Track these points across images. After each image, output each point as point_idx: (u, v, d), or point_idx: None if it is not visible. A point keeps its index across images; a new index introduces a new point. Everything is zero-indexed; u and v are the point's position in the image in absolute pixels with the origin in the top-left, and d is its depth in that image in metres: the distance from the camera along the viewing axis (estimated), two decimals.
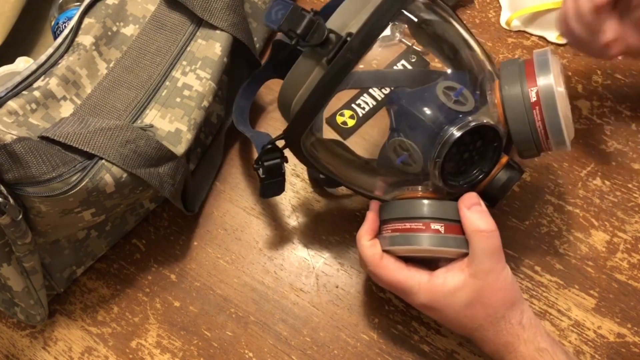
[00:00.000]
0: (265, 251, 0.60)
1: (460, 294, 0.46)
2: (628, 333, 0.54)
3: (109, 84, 0.53)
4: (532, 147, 0.47)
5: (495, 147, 0.46)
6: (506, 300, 0.46)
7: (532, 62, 0.47)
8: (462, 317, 0.47)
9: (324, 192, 0.62)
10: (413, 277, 0.47)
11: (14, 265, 0.51)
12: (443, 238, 0.46)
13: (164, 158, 0.52)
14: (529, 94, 0.46)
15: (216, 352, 0.57)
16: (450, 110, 0.45)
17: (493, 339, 0.46)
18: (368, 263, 0.48)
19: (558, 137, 0.46)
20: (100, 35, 0.54)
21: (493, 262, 0.45)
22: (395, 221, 0.48)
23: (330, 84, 0.44)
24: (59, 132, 0.47)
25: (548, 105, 0.45)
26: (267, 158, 0.51)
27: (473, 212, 0.45)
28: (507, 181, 0.48)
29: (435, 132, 0.45)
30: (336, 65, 0.43)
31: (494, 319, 0.46)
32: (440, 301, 0.46)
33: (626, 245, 0.57)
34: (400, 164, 0.47)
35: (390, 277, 0.47)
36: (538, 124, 0.46)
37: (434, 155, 0.45)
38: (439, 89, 0.46)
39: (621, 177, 0.60)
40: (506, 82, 0.47)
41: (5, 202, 0.45)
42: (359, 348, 0.56)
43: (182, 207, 0.57)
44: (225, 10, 0.56)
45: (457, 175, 0.47)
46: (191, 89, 0.55)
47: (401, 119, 0.48)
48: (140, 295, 0.59)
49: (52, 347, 0.58)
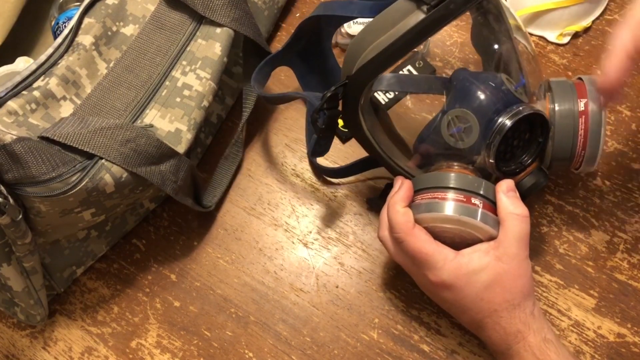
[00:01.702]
0: (265, 251, 0.60)
1: (483, 274, 0.46)
2: (628, 333, 0.54)
3: (108, 84, 0.53)
4: (567, 157, 0.51)
5: (539, 143, 0.49)
6: (524, 288, 0.47)
7: (584, 83, 0.51)
8: (479, 299, 0.47)
9: (325, 187, 0.62)
10: (441, 252, 0.47)
11: (14, 265, 0.51)
12: (481, 213, 0.46)
13: (166, 155, 0.52)
14: (578, 104, 0.50)
15: (216, 352, 0.57)
16: (512, 96, 0.48)
17: (505, 325, 0.47)
18: (399, 229, 0.48)
19: (594, 149, 0.50)
20: (100, 35, 0.54)
21: (520, 247, 0.46)
22: (433, 190, 0.48)
23: (424, 30, 0.44)
24: (58, 132, 0.47)
25: (594, 115, 0.49)
26: (329, 106, 0.49)
27: (509, 197, 0.47)
28: (535, 184, 0.50)
29: (497, 112, 0.47)
30: (438, 12, 0.43)
31: (510, 305, 0.46)
32: (462, 279, 0.47)
33: (626, 245, 0.57)
34: (451, 136, 0.48)
35: (418, 247, 0.47)
36: (581, 132, 0.50)
37: (492, 134, 0.47)
38: (502, 77, 0.49)
39: (621, 177, 0.60)
40: (558, 96, 0.51)
41: (5, 202, 0.45)
42: (359, 348, 0.56)
43: (192, 204, 0.57)
44: (227, 5, 0.56)
45: (505, 161, 0.49)
46: (191, 89, 0.55)
47: (464, 94, 0.49)
48: (140, 295, 0.59)
49: (52, 347, 0.58)
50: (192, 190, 0.58)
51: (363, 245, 0.60)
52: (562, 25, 0.66)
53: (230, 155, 0.62)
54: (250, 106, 0.62)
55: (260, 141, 0.65)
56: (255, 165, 0.64)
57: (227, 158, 0.62)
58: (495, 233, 0.47)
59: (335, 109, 0.50)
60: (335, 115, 0.51)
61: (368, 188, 0.62)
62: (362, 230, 0.60)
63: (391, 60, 0.46)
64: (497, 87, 0.48)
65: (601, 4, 0.67)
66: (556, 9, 0.65)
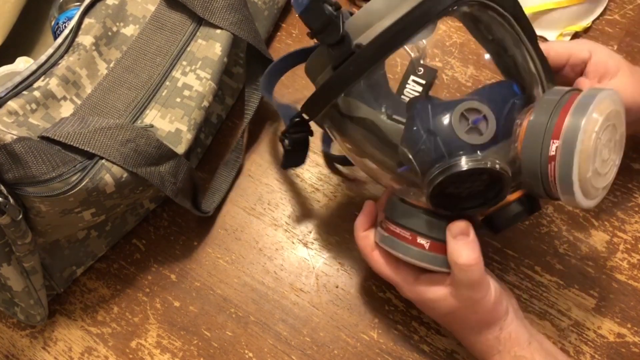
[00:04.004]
0: (265, 251, 0.60)
1: (438, 304, 0.47)
2: (628, 333, 0.54)
3: (109, 84, 0.53)
4: (542, 194, 0.42)
5: (499, 191, 0.43)
6: (482, 322, 0.47)
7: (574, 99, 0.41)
8: (441, 321, 0.51)
9: (325, 187, 0.62)
10: (399, 275, 0.49)
11: (14, 265, 0.51)
12: (426, 255, 0.46)
13: (165, 157, 0.52)
14: (550, 146, 0.40)
15: (216, 352, 0.57)
16: (458, 140, 0.41)
17: (468, 345, 0.50)
18: (361, 252, 0.51)
19: (569, 198, 0.40)
20: (100, 35, 0.54)
21: (471, 291, 0.45)
22: (389, 222, 0.49)
23: (331, 90, 0.44)
24: (59, 132, 0.47)
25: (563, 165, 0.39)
26: (294, 130, 0.52)
27: (457, 242, 0.44)
28: (514, 217, 0.46)
29: (435, 158, 0.42)
30: (338, 74, 0.42)
31: (469, 332, 0.48)
32: (421, 303, 0.49)
33: (626, 245, 0.57)
34: (404, 172, 0.47)
35: (378, 269, 0.50)
36: (551, 179, 0.41)
37: (428, 179, 0.42)
38: (458, 111, 0.42)
39: (621, 177, 0.60)
40: (538, 112, 0.41)
41: (5, 202, 0.45)
42: (359, 348, 0.56)
43: (190, 207, 0.57)
44: (227, 9, 0.56)
45: (452, 200, 0.44)
46: (191, 89, 0.55)
47: (412, 130, 0.44)
48: (140, 295, 0.59)
49: (52, 347, 0.58)
50: (191, 194, 0.58)
51: None
52: (562, 25, 0.66)
53: (230, 161, 0.63)
54: (252, 111, 0.62)
55: (261, 141, 0.65)
56: (255, 165, 0.64)
57: (227, 164, 0.62)
58: (446, 270, 0.46)
59: (303, 132, 0.52)
60: (301, 138, 0.53)
61: (368, 188, 0.62)
62: None
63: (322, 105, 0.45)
64: (441, 129, 0.42)
65: (601, 4, 0.67)
66: (556, 9, 0.65)
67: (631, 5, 0.68)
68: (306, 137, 0.53)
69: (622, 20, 0.67)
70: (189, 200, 0.57)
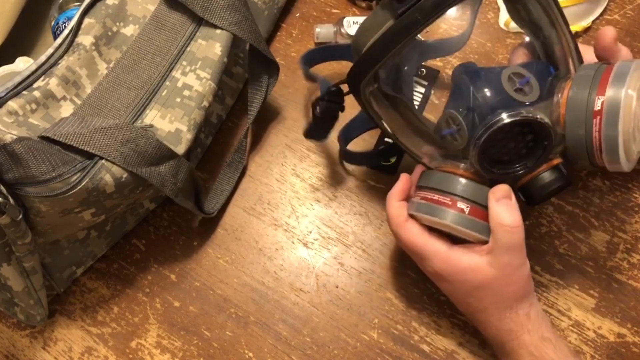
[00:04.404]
0: (265, 251, 0.60)
1: (473, 275, 0.46)
2: (628, 333, 0.54)
3: (109, 84, 0.53)
4: (585, 157, 0.45)
5: (545, 146, 0.45)
6: (517, 293, 0.46)
7: (611, 69, 0.44)
8: (469, 296, 0.48)
9: (325, 187, 0.62)
10: (432, 244, 0.47)
11: (14, 265, 0.51)
12: (465, 219, 0.46)
13: (165, 157, 0.52)
14: (594, 102, 0.43)
15: (216, 352, 0.57)
16: (507, 97, 0.45)
17: (496, 323, 0.47)
18: (392, 222, 0.49)
19: (612, 154, 0.43)
20: (100, 35, 0.54)
21: (512, 256, 0.45)
22: (426, 190, 0.48)
23: (393, 39, 0.44)
24: (59, 132, 0.47)
25: (609, 117, 0.42)
26: (330, 98, 0.52)
27: (500, 205, 0.45)
28: (548, 183, 0.46)
29: (484, 114, 0.45)
30: (402, 22, 0.43)
31: (500, 306, 0.47)
32: (452, 275, 0.47)
33: (626, 245, 0.57)
34: (447, 136, 0.47)
35: (409, 240, 0.48)
36: (595, 134, 0.43)
37: (477, 135, 0.45)
38: (506, 73, 0.45)
39: (621, 177, 0.60)
40: (577, 84, 0.45)
41: (5, 202, 0.45)
42: (359, 348, 0.56)
43: (192, 208, 0.57)
44: (226, 9, 0.56)
45: (498, 163, 0.46)
46: (191, 89, 0.55)
47: (460, 93, 0.47)
48: (140, 295, 0.59)
49: (52, 347, 0.58)
50: (192, 194, 0.58)
51: (363, 245, 0.60)
52: None
53: (233, 162, 0.62)
54: (255, 111, 0.62)
55: (261, 141, 0.65)
56: (256, 165, 0.64)
57: (230, 165, 0.62)
58: (484, 237, 0.46)
59: (336, 103, 0.53)
60: (333, 108, 0.53)
61: (368, 188, 0.62)
62: (362, 230, 0.60)
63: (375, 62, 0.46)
64: (491, 87, 0.45)
65: (601, 4, 0.67)
66: None
67: (631, 5, 0.68)
68: (337, 110, 0.54)
69: (622, 20, 0.67)
70: (190, 200, 0.57)
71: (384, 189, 0.61)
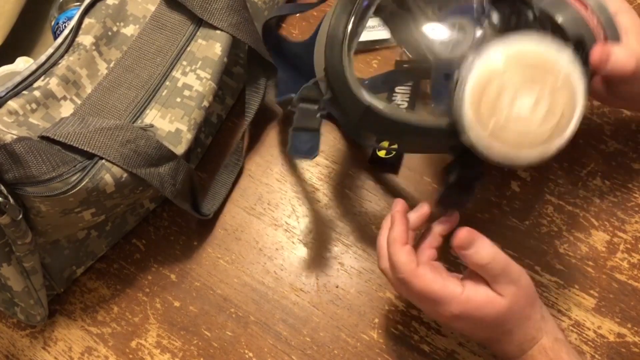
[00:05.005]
0: (265, 251, 0.60)
1: (491, 307, 0.45)
2: (628, 333, 0.54)
3: (109, 84, 0.53)
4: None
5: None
6: (528, 301, 0.46)
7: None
8: (493, 326, 0.46)
9: (325, 187, 0.62)
10: (449, 287, 0.45)
11: (14, 265, 0.51)
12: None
13: (164, 158, 0.52)
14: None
15: (216, 352, 0.57)
16: None
17: (520, 337, 0.46)
18: (402, 271, 0.45)
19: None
20: (100, 35, 0.54)
21: (506, 277, 0.45)
22: None
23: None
24: (59, 132, 0.47)
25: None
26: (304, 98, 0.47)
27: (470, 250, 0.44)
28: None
29: None
30: None
31: (520, 321, 0.46)
32: (472, 314, 0.45)
33: (626, 245, 0.57)
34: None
35: (425, 287, 0.45)
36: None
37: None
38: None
39: (621, 177, 0.60)
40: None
41: (5, 202, 0.45)
42: (359, 348, 0.56)
43: (189, 209, 0.57)
44: (225, 10, 0.56)
45: None
46: (191, 89, 0.55)
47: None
48: (140, 295, 0.59)
49: (52, 347, 0.58)
50: (190, 196, 0.58)
51: (363, 245, 0.60)
52: None
53: (230, 164, 0.62)
54: (252, 113, 0.61)
55: (261, 141, 0.65)
56: (255, 165, 0.64)
57: (226, 167, 0.62)
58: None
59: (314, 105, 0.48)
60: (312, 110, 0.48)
61: (368, 188, 0.62)
62: (362, 230, 0.60)
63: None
64: None
65: None
66: None
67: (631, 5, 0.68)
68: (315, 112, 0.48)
69: None
70: (188, 202, 0.57)
71: (384, 188, 0.61)
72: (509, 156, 0.41)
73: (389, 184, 0.62)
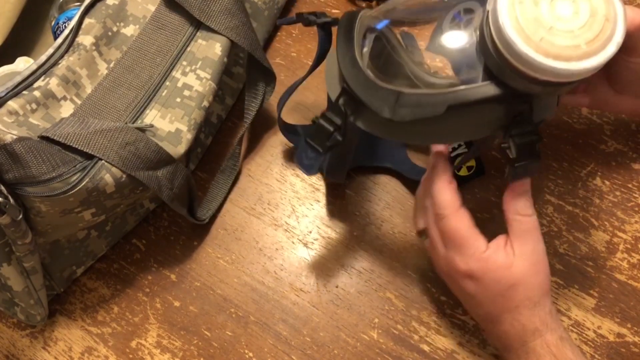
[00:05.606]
0: (265, 251, 0.60)
1: (507, 273, 0.46)
2: (628, 333, 0.54)
3: (109, 84, 0.53)
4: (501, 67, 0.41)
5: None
6: (543, 285, 0.47)
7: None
8: (501, 295, 0.47)
9: (325, 187, 0.62)
10: (476, 240, 0.47)
11: (14, 265, 0.51)
12: None
13: (163, 161, 0.52)
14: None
15: (216, 352, 0.57)
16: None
17: (525, 322, 0.47)
18: (444, 206, 0.47)
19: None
20: (100, 35, 0.54)
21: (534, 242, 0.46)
22: None
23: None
24: (59, 132, 0.47)
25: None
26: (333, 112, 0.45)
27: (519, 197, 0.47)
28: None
29: None
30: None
31: (530, 303, 0.46)
32: (487, 274, 0.47)
33: (626, 245, 0.57)
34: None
35: (460, 228, 0.47)
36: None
37: None
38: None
39: (621, 177, 0.60)
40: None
41: (5, 202, 0.45)
42: (359, 348, 0.56)
43: (185, 214, 0.57)
44: (224, 13, 0.56)
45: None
46: (191, 89, 0.55)
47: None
48: (140, 295, 0.59)
49: (52, 347, 0.58)
50: (187, 200, 0.58)
51: (363, 245, 0.60)
52: None
53: (227, 168, 0.62)
54: (251, 117, 0.61)
55: (260, 141, 0.65)
56: (255, 165, 0.64)
57: (223, 171, 0.62)
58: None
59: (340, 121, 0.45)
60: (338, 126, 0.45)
61: (368, 188, 0.62)
62: (362, 230, 0.60)
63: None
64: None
65: None
66: None
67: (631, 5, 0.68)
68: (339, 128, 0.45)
69: None
70: (184, 206, 0.57)
71: (384, 189, 0.61)
72: (561, 72, 0.39)
73: (389, 184, 0.62)
